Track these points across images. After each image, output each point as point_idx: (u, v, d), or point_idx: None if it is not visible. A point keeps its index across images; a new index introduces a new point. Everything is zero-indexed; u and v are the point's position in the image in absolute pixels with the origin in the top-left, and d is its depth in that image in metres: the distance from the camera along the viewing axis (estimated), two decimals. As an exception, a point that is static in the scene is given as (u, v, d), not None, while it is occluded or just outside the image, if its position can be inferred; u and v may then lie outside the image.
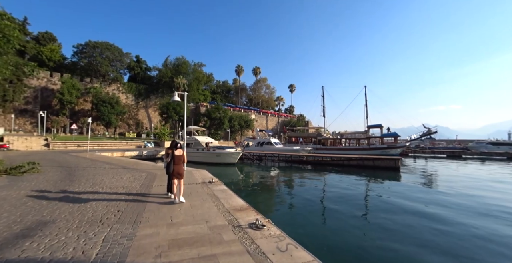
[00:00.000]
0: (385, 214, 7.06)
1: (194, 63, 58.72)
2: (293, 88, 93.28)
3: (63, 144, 27.55)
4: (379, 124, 42.27)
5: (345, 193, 10.33)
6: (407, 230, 5.91)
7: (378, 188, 11.64)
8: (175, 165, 5.22)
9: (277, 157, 26.82)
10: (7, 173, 7.88)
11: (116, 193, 5.70)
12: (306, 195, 9.93)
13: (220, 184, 7.10)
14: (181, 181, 5.29)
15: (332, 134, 49.38)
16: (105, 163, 12.26)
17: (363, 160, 22.36)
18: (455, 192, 10.31)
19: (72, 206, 4.46)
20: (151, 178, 7.77)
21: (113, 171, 9.43)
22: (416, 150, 47.30)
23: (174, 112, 41.93)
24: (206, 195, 5.75)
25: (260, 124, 72.11)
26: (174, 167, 5.20)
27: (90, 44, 49.33)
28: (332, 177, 15.79)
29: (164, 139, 36.34)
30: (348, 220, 6.64)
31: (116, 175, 8.26)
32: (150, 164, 12.50)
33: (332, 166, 22.76)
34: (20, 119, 41.54)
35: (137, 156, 24.46)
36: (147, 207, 4.53)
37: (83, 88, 44.78)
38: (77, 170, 9.54)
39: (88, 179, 7.41)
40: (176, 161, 5.26)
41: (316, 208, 7.89)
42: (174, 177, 5.15)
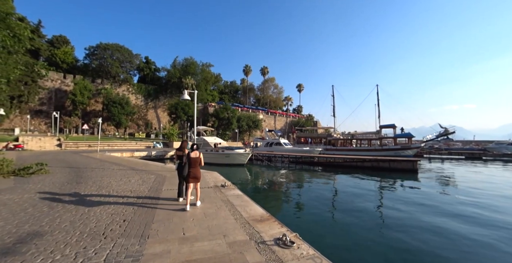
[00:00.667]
0: (411, 228, 6.28)
1: (202, 64, 58.86)
2: (301, 88, 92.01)
3: (75, 144, 27.88)
4: (392, 124, 40.78)
5: (362, 198, 9.58)
6: (445, 253, 5.12)
7: (399, 193, 10.75)
8: (191, 168, 4.81)
9: (287, 158, 26.12)
10: (15, 174, 7.65)
11: (123, 197, 5.26)
12: (321, 199, 9.26)
13: (234, 188, 6.56)
14: (197, 185, 4.91)
15: (342, 135, 48.22)
16: (114, 164, 11.99)
17: (378, 162, 21.35)
18: (490, 201, 9.21)
19: (74, 214, 4.02)
20: (160, 181, 7.33)
21: (121, 172, 9.08)
22: (431, 151, 45.40)
23: (182, 112, 41.94)
24: (220, 201, 5.21)
25: (268, 125, 71.42)
26: (190, 170, 4.79)
27: (101, 46, 50.25)
28: (346, 180, 14.96)
29: (173, 139, 36.30)
30: (370, 231, 5.94)
31: (124, 177, 7.88)
32: (159, 165, 12.14)
33: (344, 167, 21.87)
34: (35, 119, 42.64)
35: (146, 157, 24.38)
36: (156, 215, 4.04)
37: (94, 89, 45.59)
38: (85, 171, 9.25)
39: (95, 182, 7.04)
40: (192, 163, 4.83)
41: (335, 216, 7.22)
42: (190, 180, 4.78)
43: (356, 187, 12.33)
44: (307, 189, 11.61)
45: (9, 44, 9.26)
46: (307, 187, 12.42)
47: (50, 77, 44.44)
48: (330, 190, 11.63)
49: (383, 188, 12.41)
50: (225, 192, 6.12)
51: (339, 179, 15.45)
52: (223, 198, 5.45)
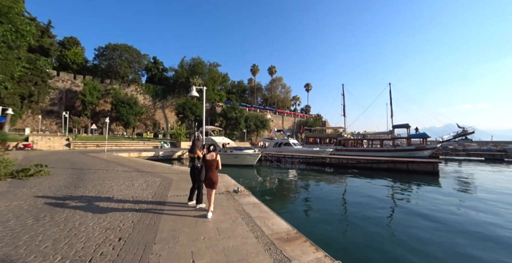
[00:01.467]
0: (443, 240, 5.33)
1: (209, 63, 58.59)
2: (309, 88, 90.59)
3: (83, 144, 27.85)
4: (405, 124, 39.15)
5: (385, 203, 8.64)
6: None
7: (423, 198, 9.59)
8: (208, 171, 4.30)
9: (297, 158, 25.21)
10: (13, 176, 7.14)
11: (123, 206, 4.56)
12: (341, 205, 8.37)
13: (249, 195, 5.78)
14: (212, 191, 4.32)
15: (353, 135, 46.87)
16: (119, 165, 11.44)
17: (394, 163, 20.14)
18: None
19: (62, 229, 3.32)
20: (166, 185, 6.63)
21: (125, 174, 8.46)
22: (448, 152, 43.35)
23: (190, 112, 41.60)
24: (235, 211, 4.44)
25: (276, 124, 70.46)
26: (207, 173, 4.29)
27: (110, 46, 50.65)
28: (363, 183, 13.91)
29: (180, 139, 35.97)
30: (398, 245, 5.03)
31: (128, 180, 7.23)
32: (166, 166, 11.52)
33: (358, 169, 20.77)
34: (46, 119, 43.30)
35: (153, 157, 24.00)
36: (160, 232, 3.30)
37: (103, 89, 45.93)
38: (88, 172, 8.69)
39: (95, 185, 6.41)
40: (208, 166, 4.32)
41: (359, 225, 6.31)
42: (206, 186, 4.32)
43: (375, 191, 11.33)
44: (323, 193, 10.69)
45: (10, 39, 8.84)
46: (322, 190, 11.50)
47: (61, 78, 45.14)
48: (349, 194, 10.67)
49: (404, 192, 11.32)
50: (238, 199, 5.34)
51: (355, 182, 14.42)
52: (237, 208, 4.66)
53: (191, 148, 4.86)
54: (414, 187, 12.56)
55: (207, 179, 4.29)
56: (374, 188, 12.24)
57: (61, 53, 48.24)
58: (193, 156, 4.83)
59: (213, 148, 4.47)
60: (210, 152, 4.44)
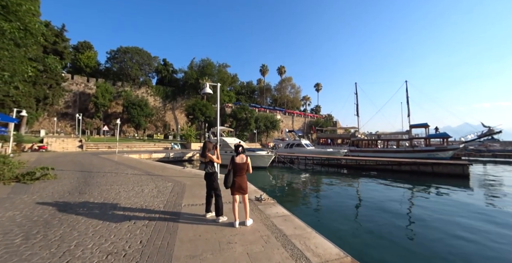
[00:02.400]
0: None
1: (219, 64, 58.47)
2: (320, 87, 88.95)
3: (95, 145, 27.99)
4: (424, 124, 37.21)
5: (415, 212, 7.55)
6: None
7: (457, 206, 8.34)
8: (236, 177, 3.73)
9: (311, 160, 24.15)
10: (18, 180, 6.67)
11: (131, 218, 3.86)
12: (366, 213, 7.36)
13: (274, 204, 4.95)
14: (245, 198, 3.79)
15: (366, 135, 45.25)
16: (129, 167, 10.93)
17: (418, 165, 18.72)
18: None
19: (53, 254, 2.61)
20: (179, 191, 5.92)
21: (134, 178, 7.85)
22: (471, 153, 40.80)
23: (200, 113, 41.34)
24: (264, 227, 3.63)
25: (286, 125, 69.35)
26: (236, 179, 3.71)
27: (121, 49, 51.49)
28: (384, 186, 12.72)
29: (191, 140, 35.69)
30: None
31: (137, 185, 6.59)
32: (177, 169, 10.89)
33: (377, 171, 19.52)
34: (62, 122, 44.34)
35: (164, 158, 23.65)
36: (174, 259, 2.54)
37: (115, 91, 46.61)
38: (96, 176, 8.15)
39: (102, 191, 5.79)
40: (237, 171, 3.74)
41: (395, 237, 5.34)
42: (235, 192, 3.75)
43: (400, 196, 10.26)
44: (345, 197, 9.68)
45: (18, 36, 8.50)
46: (344, 194, 10.47)
47: (75, 81, 46.23)
48: (372, 199, 9.58)
49: (433, 198, 10.07)
50: (264, 210, 4.53)
51: (376, 185, 13.24)
52: (266, 222, 3.86)
53: (202, 152, 4.13)
54: (443, 192, 11.26)
55: (236, 185, 3.64)
56: (399, 193, 11.12)
57: (75, 57, 49.49)
58: (204, 160, 4.10)
59: (242, 149, 3.74)
60: (239, 154, 3.74)
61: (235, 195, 3.74)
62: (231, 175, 3.65)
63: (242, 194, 3.76)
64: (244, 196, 3.79)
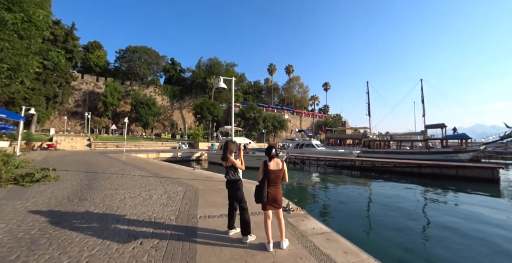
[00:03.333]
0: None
1: (226, 63, 57.94)
2: (328, 87, 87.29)
3: (103, 144, 27.83)
4: (441, 124, 35.51)
5: (446, 220, 6.52)
6: None
7: (493, 215, 7.30)
8: (270, 187, 2.91)
9: (323, 161, 23.11)
10: (16, 181, 6.10)
11: (136, 235, 3.13)
12: (391, 219, 6.43)
13: (305, 215, 4.13)
14: (279, 213, 3.01)
15: (378, 135, 43.79)
16: (136, 168, 10.33)
17: (440, 168, 17.43)
18: None
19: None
20: (192, 198, 5.18)
21: (142, 181, 7.19)
22: (492, 155, 38.71)
23: (208, 112, 40.85)
24: (305, 251, 2.82)
25: (294, 125, 68.24)
26: (270, 190, 2.90)
27: (130, 49, 51.66)
28: (407, 191, 11.65)
29: (199, 140, 35.20)
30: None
31: (144, 190, 5.90)
32: (187, 170, 10.21)
33: (394, 173, 18.38)
34: (71, 120, 44.75)
35: (171, 158, 23.16)
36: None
37: (123, 91, 46.76)
38: (100, 178, 7.54)
39: (105, 197, 5.11)
40: (272, 180, 2.92)
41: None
42: (267, 206, 2.94)
43: (424, 202, 9.21)
44: (368, 203, 8.74)
45: (20, 27, 8.00)
46: (365, 199, 9.52)
47: (85, 80, 46.61)
48: (395, 204, 8.60)
49: (462, 204, 8.92)
50: (297, 224, 3.72)
51: (399, 190, 12.17)
52: (305, 243, 3.04)
53: (223, 154, 3.31)
54: (472, 198, 10.11)
55: (270, 198, 2.85)
56: (426, 198, 10.08)
57: (85, 57, 49.98)
58: (225, 164, 3.30)
59: (275, 152, 2.94)
60: (272, 158, 2.92)
61: (268, 210, 2.95)
62: (265, 186, 2.84)
63: (276, 209, 2.97)
64: (278, 211, 2.99)
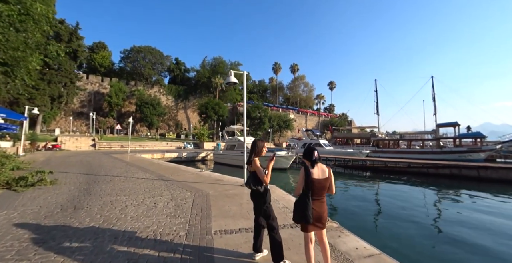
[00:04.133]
0: None
1: (231, 63, 57.39)
2: (333, 86, 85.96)
3: (108, 144, 27.52)
4: (454, 122, 34.24)
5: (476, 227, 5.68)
6: None
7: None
8: (314, 201, 2.16)
9: (332, 161, 22.25)
10: (9, 186, 5.54)
11: (137, 260, 2.46)
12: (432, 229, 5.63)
13: (341, 230, 3.40)
14: (323, 235, 2.30)
15: (386, 135, 42.68)
16: (140, 170, 9.74)
17: (460, 169, 16.40)
18: None
19: None
20: (203, 207, 4.50)
21: (146, 185, 6.56)
22: (508, 154, 37.17)
23: (213, 111, 40.32)
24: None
25: (299, 124, 67.29)
26: (313, 205, 2.14)
27: (134, 49, 51.54)
28: (429, 193, 10.78)
29: (204, 140, 34.67)
30: None
31: (148, 196, 5.25)
32: (193, 171, 9.57)
33: (409, 174, 17.49)
34: (77, 121, 44.80)
35: (177, 158, 22.64)
36: None
37: (128, 91, 46.63)
38: (101, 181, 6.95)
39: (103, 205, 4.47)
40: (316, 191, 2.17)
41: None
42: (309, 227, 2.20)
43: (455, 207, 8.30)
44: (390, 207, 7.92)
45: (17, 19, 7.46)
46: (387, 203, 8.70)
47: (90, 80, 46.63)
48: (422, 208, 7.78)
49: (490, 210, 8.06)
50: (334, 242, 2.98)
51: (418, 192, 11.31)
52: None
53: (249, 156, 2.60)
54: (501, 203, 9.17)
55: (315, 214, 2.15)
56: (450, 202, 9.22)
57: (90, 57, 50.05)
58: (250, 169, 2.58)
59: (318, 156, 2.21)
60: (315, 163, 2.19)
61: (311, 231, 2.23)
62: (310, 200, 2.11)
63: (320, 229, 2.26)
64: (322, 231, 2.28)
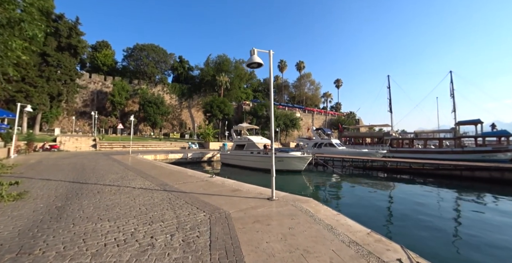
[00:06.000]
0: None
1: (235, 61, 55.95)
2: (340, 84, 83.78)
3: (110, 144, 26.23)
4: (476, 120, 32.09)
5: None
6: None
7: None
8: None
9: (348, 162, 20.43)
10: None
11: None
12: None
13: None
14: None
15: (399, 133, 40.66)
16: (139, 175, 8.19)
17: (502, 171, 14.43)
18: None
19: None
20: (227, 243, 2.85)
21: (142, 199, 4.96)
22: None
23: (218, 110, 38.82)
24: None
25: (306, 123, 65.44)
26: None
27: (137, 47, 50.45)
28: (472, 201, 8.92)
29: (209, 139, 33.16)
30: None
31: (144, 221, 3.59)
32: (203, 178, 7.96)
33: (437, 177, 15.68)
34: (80, 120, 43.86)
35: (181, 159, 21.14)
36: None
37: (131, 89, 45.53)
38: (85, 194, 5.39)
39: (71, 243, 2.83)
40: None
41: None
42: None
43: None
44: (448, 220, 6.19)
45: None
46: (439, 215, 6.96)
47: (93, 79, 45.67)
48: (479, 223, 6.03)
49: None
50: None
51: (462, 200, 9.49)
52: None
53: None
54: None
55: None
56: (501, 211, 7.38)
57: (93, 56, 49.13)
58: None
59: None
60: None
61: None
62: None
63: None
64: None
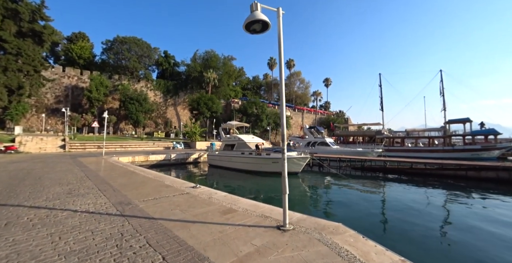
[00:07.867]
0: None
1: (224, 57, 53.63)
2: (329, 83, 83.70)
3: (82, 145, 23.23)
4: (466, 118, 32.28)
5: None
6: None
7: None
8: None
9: (345, 162, 19.11)
10: None
11: None
12: None
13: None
14: None
15: (390, 132, 40.57)
16: (97, 188, 6.08)
17: (510, 171, 13.56)
18: None
19: None
20: None
21: (73, 238, 2.93)
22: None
23: (205, 107, 36.46)
24: None
25: (296, 122, 64.44)
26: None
27: (118, 39, 46.62)
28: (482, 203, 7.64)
29: (196, 138, 30.81)
30: None
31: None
32: (183, 189, 5.99)
33: (442, 177, 14.69)
34: (52, 118, 39.66)
35: (164, 161, 18.82)
36: None
37: (111, 85, 41.92)
38: (13, 233, 3.31)
39: None
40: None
41: None
42: None
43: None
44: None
45: None
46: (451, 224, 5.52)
47: (67, 73, 41.51)
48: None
49: None
50: None
51: (472, 202, 8.22)
52: None
53: None
54: None
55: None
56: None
57: (67, 48, 44.84)
58: None
59: None
60: None
61: None
62: None
63: None
64: None
